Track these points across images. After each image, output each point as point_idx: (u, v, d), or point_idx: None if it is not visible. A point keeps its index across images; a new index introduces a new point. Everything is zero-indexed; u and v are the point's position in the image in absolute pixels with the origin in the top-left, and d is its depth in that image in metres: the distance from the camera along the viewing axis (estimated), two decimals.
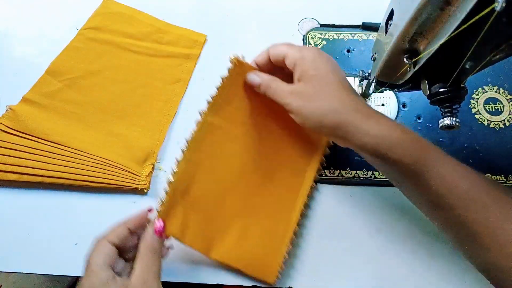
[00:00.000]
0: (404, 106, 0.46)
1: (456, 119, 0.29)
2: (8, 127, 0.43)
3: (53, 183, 0.42)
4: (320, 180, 0.43)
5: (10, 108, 0.45)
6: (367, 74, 0.41)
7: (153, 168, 0.43)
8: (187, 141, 0.36)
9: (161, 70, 0.48)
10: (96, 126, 0.45)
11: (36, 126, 0.44)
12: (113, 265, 0.31)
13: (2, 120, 0.44)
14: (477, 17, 0.20)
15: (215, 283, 0.40)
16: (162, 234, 0.33)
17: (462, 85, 0.28)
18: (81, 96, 0.46)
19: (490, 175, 0.43)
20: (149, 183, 0.43)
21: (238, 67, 0.36)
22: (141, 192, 0.42)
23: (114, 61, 0.48)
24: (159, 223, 0.33)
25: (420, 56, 0.27)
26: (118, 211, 0.39)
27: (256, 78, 0.36)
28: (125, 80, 0.47)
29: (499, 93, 0.46)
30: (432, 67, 0.29)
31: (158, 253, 0.32)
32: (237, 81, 0.37)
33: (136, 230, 0.34)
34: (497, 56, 0.23)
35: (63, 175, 0.42)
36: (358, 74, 0.42)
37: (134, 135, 0.45)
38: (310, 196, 0.42)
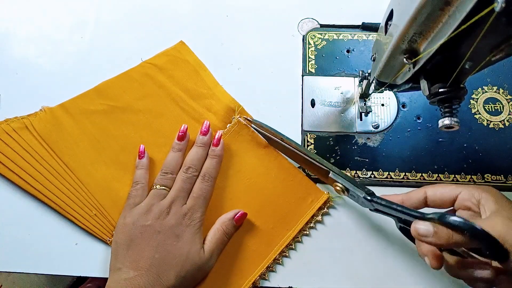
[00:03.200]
0: (404, 106, 0.46)
1: (455, 119, 0.29)
2: (33, 127, 0.43)
3: (42, 200, 0.41)
4: (320, 180, 0.43)
5: (44, 109, 0.45)
6: (367, 74, 0.41)
7: None
8: None
9: (194, 137, 0.44)
10: (110, 166, 0.43)
11: (57, 137, 0.43)
12: None
13: (31, 118, 0.44)
14: (476, 18, 0.20)
15: None
16: (239, 223, 0.40)
17: (461, 85, 0.28)
18: (112, 127, 0.45)
19: (490, 175, 0.43)
20: None
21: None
22: None
23: (158, 107, 0.46)
24: (240, 213, 0.40)
25: (420, 56, 0.27)
26: None
27: (430, 227, 0.28)
28: (158, 132, 0.45)
29: (498, 93, 0.46)
30: (432, 67, 0.29)
31: (229, 235, 0.40)
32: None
33: None
34: (496, 56, 0.23)
35: (55, 199, 0.41)
36: (358, 74, 0.42)
37: None
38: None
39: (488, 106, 0.46)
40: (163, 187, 0.39)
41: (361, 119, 0.46)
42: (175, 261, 0.36)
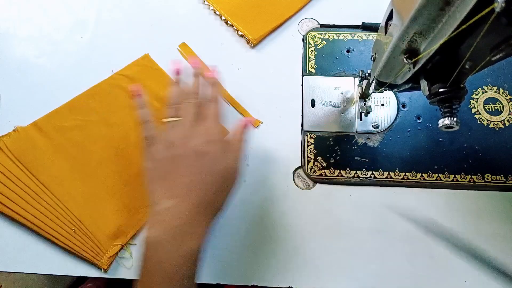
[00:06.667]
0: (403, 106, 0.46)
1: (455, 119, 0.29)
2: (7, 147, 0.43)
3: (20, 222, 0.41)
4: (320, 180, 0.43)
5: (17, 129, 0.44)
6: (367, 74, 0.41)
7: (121, 248, 0.41)
8: None
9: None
10: (87, 181, 0.43)
11: (32, 157, 0.43)
12: None
13: (5, 139, 0.43)
14: (476, 17, 0.20)
15: (215, 283, 0.40)
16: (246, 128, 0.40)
17: (461, 85, 0.28)
18: (88, 142, 0.44)
19: (490, 175, 0.43)
20: (110, 265, 0.40)
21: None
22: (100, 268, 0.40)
23: (132, 118, 0.45)
24: (246, 120, 0.41)
25: (420, 56, 0.27)
26: None
27: None
28: (134, 144, 0.45)
29: (498, 93, 0.46)
30: (432, 67, 0.29)
31: (242, 141, 0.40)
32: None
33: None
34: (496, 56, 0.23)
35: (34, 220, 0.40)
36: (358, 74, 0.42)
37: (117, 205, 0.42)
38: None
39: (488, 106, 0.46)
40: (175, 117, 0.39)
41: (361, 119, 0.46)
42: (211, 178, 0.35)
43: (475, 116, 0.45)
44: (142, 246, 0.32)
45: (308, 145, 0.45)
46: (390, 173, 0.43)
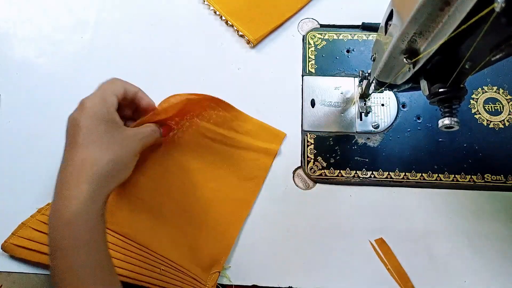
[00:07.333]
0: (403, 106, 0.46)
1: (455, 119, 0.29)
2: None
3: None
4: (320, 180, 0.43)
5: None
6: (366, 74, 0.41)
7: (218, 276, 0.39)
8: None
9: (236, 164, 0.43)
10: (163, 221, 0.40)
11: (109, 214, 0.38)
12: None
13: None
14: (476, 18, 0.20)
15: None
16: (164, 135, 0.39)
17: (461, 85, 0.28)
18: (152, 183, 0.41)
19: (490, 175, 0.43)
20: None
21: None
22: None
23: (187, 146, 0.43)
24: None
25: (420, 56, 0.27)
26: None
27: None
28: (197, 170, 0.42)
29: (498, 93, 0.46)
30: (432, 67, 0.29)
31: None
32: None
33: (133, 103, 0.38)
34: (496, 57, 0.23)
35: (124, 272, 0.37)
36: (358, 74, 0.42)
37: (202, 236, 0.40)
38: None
39: (488, 106, 0.46)
40: None
41: (361, 119, 0.46)
42: None
43: (475, 116, 0.45)
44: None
45: (308, 145, 0.45)
46: (390, 173, 0.43)
